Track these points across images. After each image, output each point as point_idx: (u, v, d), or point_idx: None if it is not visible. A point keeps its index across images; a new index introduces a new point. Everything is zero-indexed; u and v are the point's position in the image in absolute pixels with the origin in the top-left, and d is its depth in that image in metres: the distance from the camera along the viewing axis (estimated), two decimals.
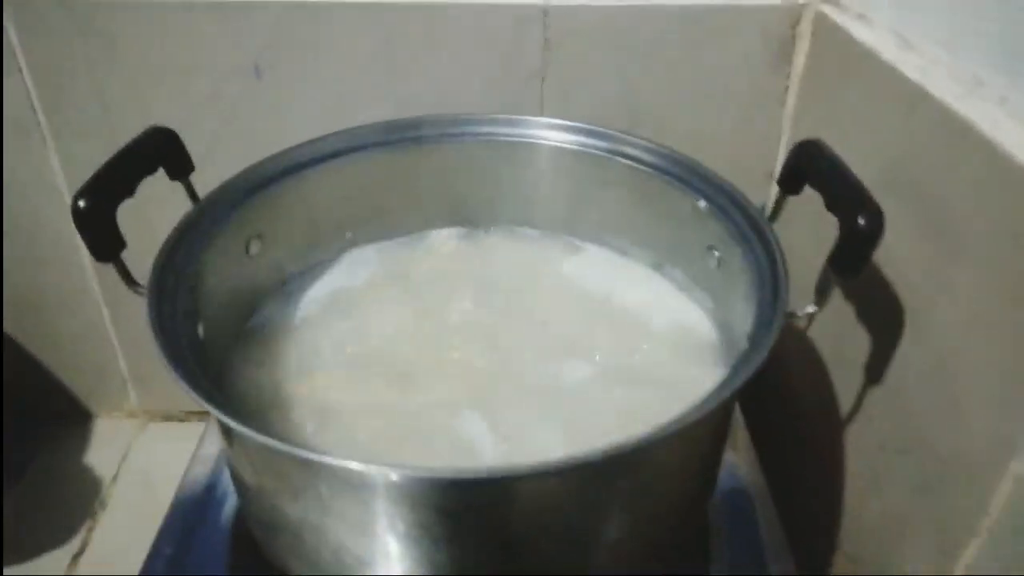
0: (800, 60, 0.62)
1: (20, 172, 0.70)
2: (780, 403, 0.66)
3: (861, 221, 0.38)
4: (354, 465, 0.31)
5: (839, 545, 0.55)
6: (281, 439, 0.33)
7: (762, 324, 0.38)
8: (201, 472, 0.55)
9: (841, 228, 0.39)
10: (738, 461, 0.56)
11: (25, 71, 0.65)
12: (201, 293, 0.45)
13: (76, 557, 0.70)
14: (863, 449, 0.53)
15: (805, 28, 0.61)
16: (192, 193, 0.49)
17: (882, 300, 0.48)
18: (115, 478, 0.78)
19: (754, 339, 0.38)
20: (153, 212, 0.46)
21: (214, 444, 0.57)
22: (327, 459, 0.32)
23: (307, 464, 0.34)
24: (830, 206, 0.41)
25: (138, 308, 0.60)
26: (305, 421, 0.45)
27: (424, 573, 0.37)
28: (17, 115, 0.67)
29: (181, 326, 0.41)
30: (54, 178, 0.70)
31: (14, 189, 0.71)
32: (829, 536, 0.56)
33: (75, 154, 0.68)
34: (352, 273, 0.56)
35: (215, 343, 0.46)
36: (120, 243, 0.41)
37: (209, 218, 0.47)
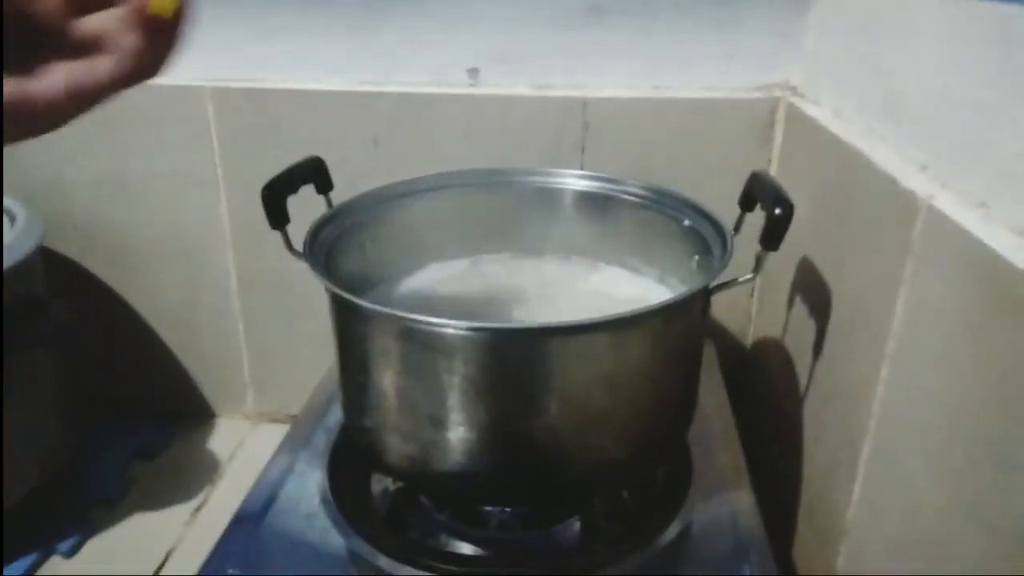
0: (778, 136, 0.82)
1: (196, 214, 0.95)
2: (763, 398, 0.80)
3: (778, 210, 0.55)
4: (435, 321, 0.50)
5: (798, 490, 0.69)
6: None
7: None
8: (285, 458, 0.70)
9: (767, 218, 0.56)
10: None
11: (215, 140, 0.91)
12: (330, 270, 0.66)
13: (196, 511, 0.88)
14: (811, 408, 0.67)
15: (780, 114, 0.81)
16: (330, 204, 0.71)
17: (814, 286, 0.65)
18: (230, 459, 0.96)
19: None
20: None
21: (297, 439, 0.73)
22: (417, 316, 0.51)
23: (402, 324, 0.53)
24: (763, 207, 0.58)
25: (267, 324, 0.78)
26: None
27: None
28: (204, 172, 0.93)
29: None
30: (221, 219, 0.94)
31: (189, 227, 0.96)
32: (790, 485, 0.70)
33: (239, 201, 0.93)
34: (433, 276, 0.76)
35: None
36: (286, 219, 0.63)
37: (340, 219, 0.68)
